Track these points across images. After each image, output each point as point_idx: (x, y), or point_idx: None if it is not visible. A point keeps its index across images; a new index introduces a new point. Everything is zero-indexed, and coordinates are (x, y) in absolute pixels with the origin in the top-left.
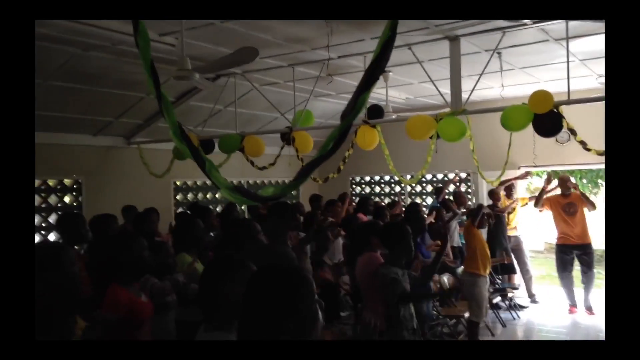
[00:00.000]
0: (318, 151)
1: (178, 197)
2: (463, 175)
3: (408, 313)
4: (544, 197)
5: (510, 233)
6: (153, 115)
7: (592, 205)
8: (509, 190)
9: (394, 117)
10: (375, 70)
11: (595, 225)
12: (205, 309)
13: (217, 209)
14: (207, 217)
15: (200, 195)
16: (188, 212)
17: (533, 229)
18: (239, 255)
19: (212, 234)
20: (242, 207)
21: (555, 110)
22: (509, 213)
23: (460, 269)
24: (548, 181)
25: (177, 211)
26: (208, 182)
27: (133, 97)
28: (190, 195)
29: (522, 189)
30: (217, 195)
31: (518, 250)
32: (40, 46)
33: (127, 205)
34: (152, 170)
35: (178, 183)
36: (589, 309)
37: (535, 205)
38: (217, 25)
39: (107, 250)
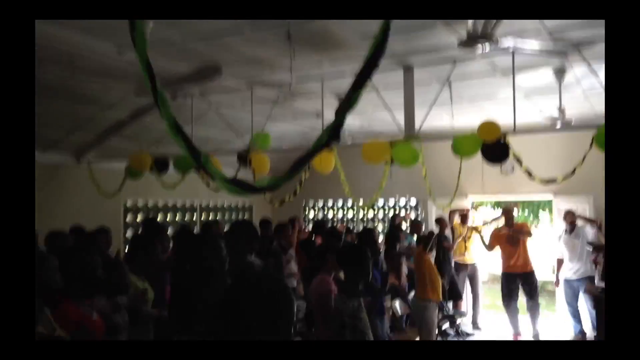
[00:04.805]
0: (313, 144)
1: (128, 218)
2: (413, 202)
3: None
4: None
5: (468, 261)
6: (104, 132)
7: (529, 234)
8: (464, 218)
9: (349, 143)
10: (370, 67)
11: (537, 255)
12: (180, 319)
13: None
14: (163, 237)
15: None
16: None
17: (480, 260)
18: (213, 266)
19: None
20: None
21: (502, 139)
22: (465, 240)
23: (411, 295)
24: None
25: (126, 234)
26: (160, 203)
27: (85, 112)
28: (140, 217)
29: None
30: (167, 218)
31: (473, 279)
32: None
33: (75, 225)
34: (102, 190)
35: (128, 204)
36: (536, 337)
37: (488, 249)
38: (179, 45)
39: (59, 266)
